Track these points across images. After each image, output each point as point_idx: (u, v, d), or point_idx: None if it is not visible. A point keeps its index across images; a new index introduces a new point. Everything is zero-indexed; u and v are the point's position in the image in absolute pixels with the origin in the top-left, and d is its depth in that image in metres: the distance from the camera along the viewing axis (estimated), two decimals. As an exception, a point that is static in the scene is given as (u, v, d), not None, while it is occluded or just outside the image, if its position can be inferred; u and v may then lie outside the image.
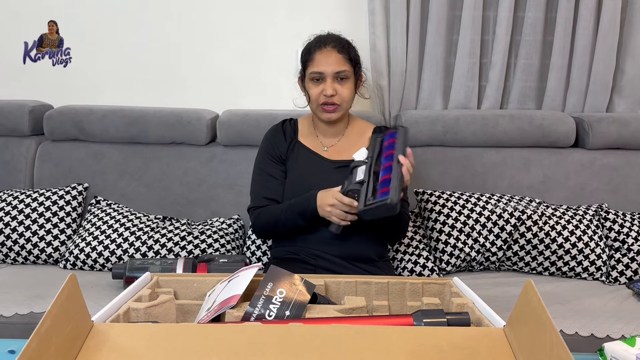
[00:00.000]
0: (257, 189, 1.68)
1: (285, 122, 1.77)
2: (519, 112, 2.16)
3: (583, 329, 1.53)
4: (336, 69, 1.58)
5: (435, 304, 0.99)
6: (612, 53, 2.20)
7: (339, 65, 1.59)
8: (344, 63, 1.59)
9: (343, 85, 1.60)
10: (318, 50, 1.61)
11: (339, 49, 1.60)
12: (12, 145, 2.16)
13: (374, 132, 1.69)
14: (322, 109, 1.62)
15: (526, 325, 0.70)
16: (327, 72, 1.58)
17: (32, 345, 0.62)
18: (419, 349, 0.72)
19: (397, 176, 1.36)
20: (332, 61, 1.59)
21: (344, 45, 1.61)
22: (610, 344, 0.92)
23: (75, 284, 0.72)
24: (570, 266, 1.91)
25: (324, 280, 1.06)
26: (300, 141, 1.71)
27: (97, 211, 2.01)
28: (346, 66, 1.59)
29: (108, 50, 2.33)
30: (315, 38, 1.66)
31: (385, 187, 1.35)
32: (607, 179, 2.11)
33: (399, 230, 1.65)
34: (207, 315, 0.92)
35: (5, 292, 1.68)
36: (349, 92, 1.61)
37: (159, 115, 2.13)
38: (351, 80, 1.61)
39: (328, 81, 1.59)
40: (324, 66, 1.59)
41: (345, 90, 1.60)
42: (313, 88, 1.61)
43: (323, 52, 1.60)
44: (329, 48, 1.60)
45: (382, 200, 1.32)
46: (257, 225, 1.66)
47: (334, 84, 1.59)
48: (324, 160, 1.67)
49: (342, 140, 1.70)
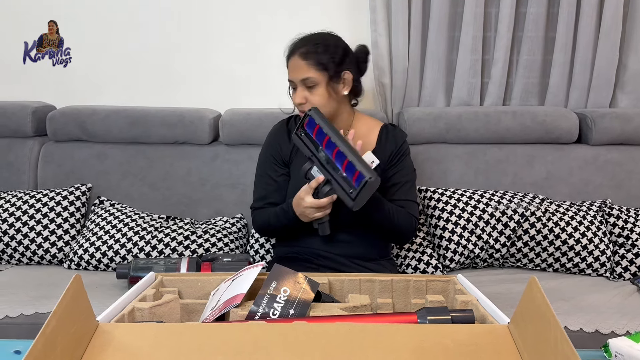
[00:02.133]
0: (258, 190, 1.69)
1: (290, 119, 1.76)
2: (522, 109, 2.16)
3: (587, 325, 1.53)
4: (300, 77, 1.55)
5: (440, 301, 0.99)
6: (615, 49, 2.19)
7: (302, 73, 1.55)
8: (307, 69, 1.54)
9: (312, 92, 1.56)
10: (290, 58, 1.59)
11: (303, 56, 1.55)
12: (16, 147, 2.16)
13: (380, 131, 1.68)
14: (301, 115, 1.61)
15: (530, 322, 0.70)
16: (295, 80, 1.57)
17: (37, 345, 0.62)
18: (423, 346, 0.73)
19: (353, 155, 1.35)
20: (297, 69, 1.56)
21: (311, 50, 1.55)
22: (615, 340, 0.92)
23: (80, 284, 0.72)
24: (574, 262, 1.91)
25: (328, 278, 1.06)
26: None
27: (101, 211, 2.02)
28: (310, 73, 1.54)
29: (108, 50, 2.33)
30: (291, 43, 1.62)
31: (353, 171, 1.35)
32: (610, 174, 2.11)
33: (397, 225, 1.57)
34: (211, 314, 0.92)
35: (11, 292, 1.69)
36: (318, 99, 1.55)
37: (161, 115, 2.13)
38: (322, 85, 1.55)
39: (298, 89, 1.57)
40: (291, 74, 1.58)
41: (315, 97, 1.55)
42: (292, 95, 1.61)
43: (292, 60, 1.58)
44: (296, 55, 1.57)
45: (362, 184, 1.32)
46: (255, 226, 1.70)
47: (303, 91, 1.56)
48: None
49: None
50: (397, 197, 1.61)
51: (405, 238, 1.68)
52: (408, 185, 1.65)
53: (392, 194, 1.61)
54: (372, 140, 1.68)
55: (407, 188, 1.64)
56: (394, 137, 1.68)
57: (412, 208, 1.63)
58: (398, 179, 1.63)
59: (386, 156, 1.64)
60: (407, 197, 1.63)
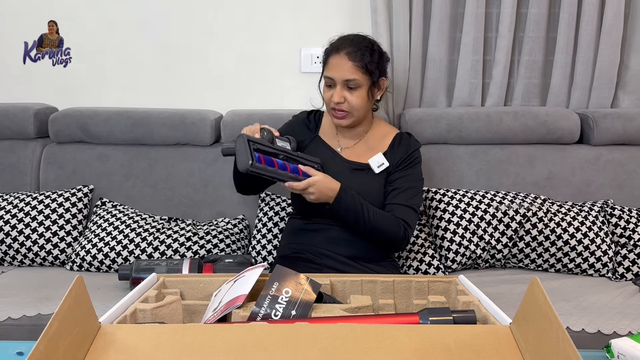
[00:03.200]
0: None
1: (311, 113, 1.77)
2: (523, 109, 2.15)
3: (590, 326, 1.52)
4: (345, 77, 1.56)
5: (441, 302, 0.99)
6: (616, 49, 2.19)
7: (349, 73, 1.55)
8: (354, 71, 1.55)
9: (353, 93, 1.57)
10: (332, 54, 1.59)
11: (351, 56, 1.55)
12: (18, 149, 2.17)
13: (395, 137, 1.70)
14: (333, 114, 1.62)
15: (532, 323, 0.70)
16: (336, 79, 1.57)
17: (40, 347, 0.62)
18: (425, 347, 0.73)
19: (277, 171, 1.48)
20: (342, 68, 1.56)
21: (359, 52, 1.56)
22: (617, 341, 0.92)
23: (82, 285, 0.73)
24: (576, 263, 1.91)
25: (330, 279, 1.06)
26: (320, 137, 1.71)
27: (103, 213, 2.02)
28: (357, 75, 1.56)
29: (109, 51, 2.34)
30: (335, 40, 1.63)
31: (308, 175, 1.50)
32: (612, 174, 2.10)
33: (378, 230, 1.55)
34: (213, 315, 0.92)
35: (13, 294, 1.69)
36: (359, 101, 1.57)
37: (163, 116, 2.13)
38: (363, 88, 1.57)
39: (337, 88, 1.57)
40: (334, 72, 1.57)
41: (355, 99, 1.57)
42: (326, 91, 1.61)
43: (336, 58, 1.58)
44: (342, 54, 1.56)
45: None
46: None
47: (342, 91, 1.57)
48: (342, 160, 1.67)
49: (361, 143, 1.70)
50: (395, 201, 1.61)
51: (393, 243, 1.61)
52: (410, 192, 1.63)
53: (392, 198, 1.61)
54: (385, 145, 1.69)
55: (408, 194, 1.62)
56: (407, 144, 1.69)
57: (407, 214, 1.59)
58: (400, 184, 1.63)
59: (395, 161, 1.65)
60: (406, 202, 1.60)
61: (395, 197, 1.61)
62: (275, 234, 1.97)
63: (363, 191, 1.59)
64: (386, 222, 1.56)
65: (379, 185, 1.64)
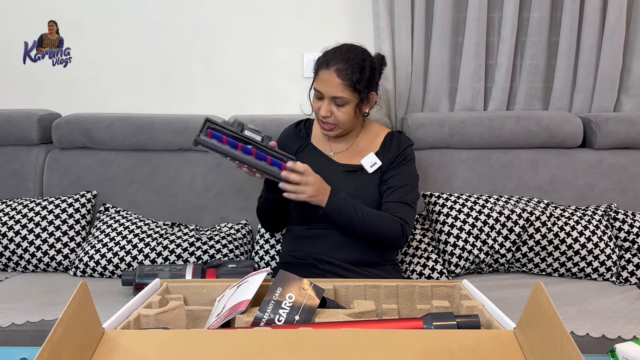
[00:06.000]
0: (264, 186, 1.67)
1: (300, 123, 1.78)
2: (526, 113, 2.15)
3: (594, 330, 1.52)
4: (332, 94, 1.55)
5: (445, 306, 0.99)
6: (619, 52, 2.19)
7: (336, 91, 1.55)
8: (342, 89, 1.54)
9: (340, 109, 1.57)
10: (322, 68, 1.58)
11: (341, 74, 1.54)
12: (21, 154, 2.18)
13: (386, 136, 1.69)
14: (321, 125, 1.63)
15: (537, 327, 0.70)
16: (325, 94, 1.57)
17: (44, 353, 0.62)
18: (429, 352, 0.72)
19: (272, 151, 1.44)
20: (330, 84, 1.55)
21: (349, 70, 1.54)
22: (621, 345, 0.92)
23: (86, 291, 0.73)
24: (580, 267, 1.90)
25: (333, 284, 1.06)
26: (312, 143, 1.72)
27: (106, 218, 2.02)
28: (344, 93, 1.55)
29: (109, 51, 2.34)
30: (327, 52, 1.61)
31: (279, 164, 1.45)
32: (615, 178, 2.10)
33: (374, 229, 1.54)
34: (217, 320, 0.92)
35: (17, 300, 1.69)
36: (345, 117, 1.58)
37: (166, 121, 2.14)
38: (351, 105, 1.57)
39: (325, 102, 1.57)
40: (322, 87, 1.57)
41: (342, 115, 1.57)
42: (315, 102, 1.62)
43: (325, 73, 1.56)
44: (331, 70, 1.55)
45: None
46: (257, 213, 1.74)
47: (330, 105, 1.57)
48: (334, 164, 1.67)
49: (353, 146, 1.71)
50: (390, 199, 1.61)
51: (392, 242, 1.59)
52: (405, 189, 1.63)
53: (387, 196, 1.62)
54: (377, 145, 1.70)
55: (403, 191, 1.62)
56: (398, 142, 1.69)
57: (404, 211, 1.59)
58: (395, 182, 1.63)
59: (388, 160, 1.66)
60: (401, 199, 1.60)
61: (390, 195, 1.61)
62: (278, 239, 1.97)
63: (358, 193, 1.59)
64: (382, 220, 1.56)
65: (373, 186, 1.64)
